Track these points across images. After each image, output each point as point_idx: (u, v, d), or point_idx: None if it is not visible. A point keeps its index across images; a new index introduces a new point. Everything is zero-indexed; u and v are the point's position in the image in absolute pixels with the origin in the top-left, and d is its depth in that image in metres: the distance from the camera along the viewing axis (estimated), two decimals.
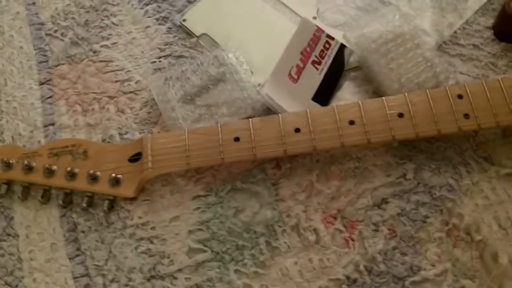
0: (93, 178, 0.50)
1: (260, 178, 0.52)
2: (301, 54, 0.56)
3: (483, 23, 0.61)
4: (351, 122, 0.50)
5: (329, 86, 0.56)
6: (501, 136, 0.54)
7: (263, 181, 0.52)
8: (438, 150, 0.53)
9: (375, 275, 0.47)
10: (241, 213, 0.51)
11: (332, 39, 0.57)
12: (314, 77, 0.56)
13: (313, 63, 0.56)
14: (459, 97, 0.50)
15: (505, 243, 0.48)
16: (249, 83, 0.56)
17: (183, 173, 0.53)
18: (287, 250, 0.49)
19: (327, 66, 0.56)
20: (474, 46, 0.60)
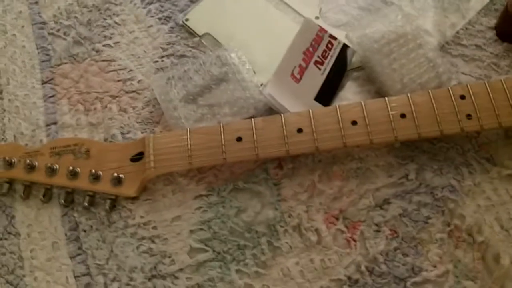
0: (95, 177, 0.50)
1: (262, 178, 0.52)
2: (304, 54, 0.56)
3: (485, 23, 0.61)
4: (354, 122, 0.50)
5: (332, 86, 0.56)
6: (504, 137, 0.54)
7: (265, 181, 0.52)
8: (441, 151, 0.53)
9: (376, 275, 0.47)
10: (243, 213, 0.51)
11: (335, 39, 0.57)
12: (317, 77, 0.56)
13: (316, 63, 0.56)
14: (462, 97, 0.50)
15: (507, 244, 0.48)
16: (251, 83, 0.56)
17: (185, 173, 0.53)
18: (288, 250, 0.49)
19: (329, 66, 0.56)
20: (477, 46, 0.59)
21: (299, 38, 0.56)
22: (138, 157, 0.51)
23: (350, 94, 0.57)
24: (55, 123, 0.58)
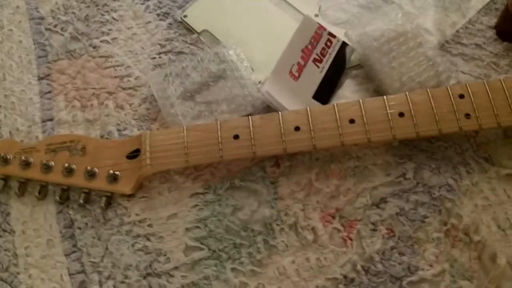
0: (90, 174, 0.50)
1: (259, 176, 0.52)
2: (302, 51, 0.56)
3: (486, 22, 0.61)
4: (351, 120, 0.50)
5: (330, 84, 0.56)
6: (502, 137, 0.53)
7: (262, 179, 0.52)
8: (439, 150, 0.52)
9: (372, 274, 0.47)
10: (239, 211, 0.50)
11: (334, 37, 0.56)
12: (315, 75, 0.55)
13: (314, 61, 0.56)
14: (461, 96, 0.50)
15: (504, 244, 0.47)
16: (249, 80, 0.55)
17: (181, 170, 0.53)
18: (284, 248, 0.48)
19: (328, 64, 0.56)
20: (477, 45, 0.59)
21: (298, 36, 0.56)
22: (134, 154, 0.51)
23: (348, 93, 0.57)
24: (51, 120, 0.57)
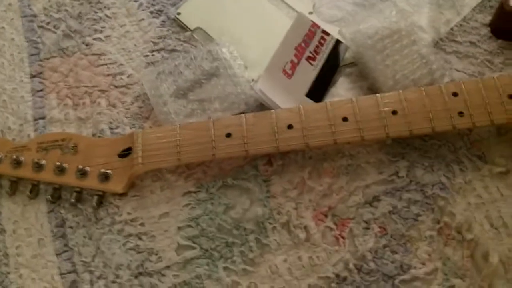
0: (82, 173, 0.50)
1: (252, 175, 0.52)
2: (296, 49, 0.55)
3: (480, 20, 0.60)
4: (344, 119, 0.49)
5: (324, 82, 0.55)
6: (496, 134, 0.53)
7: (254, 177, 0.52)
8: (432, 148, 0.52)
9: (364, 273, 0.47)
10: (231, 209, 0.50)
11: (328, 34, 0.56)
12: (309, 73, 0.55)
13: (308, 58, 0.55)
14: (454, 94, 0.50)
15: (496, 242, 0.47)
16: (242, 78, 0.55)
17: (173, 169, 0.52)
18: (277, 247, 0.48)
19: (321, 62, 0.55)
20: (471, 43, 0.59)
21: (291, 33, 0.56)
22: (126, 152, 0.51)
23: (342, 90, 0.56)
24: (43, 118, 0.57)
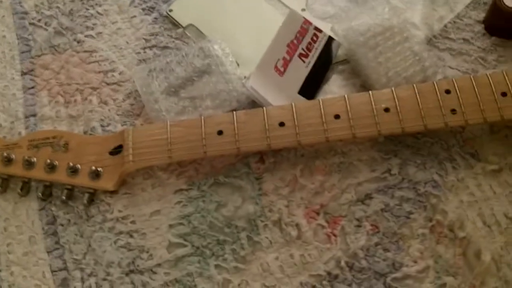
0: (73, 170, 0.49)
1: (244, 172, 0.51)
2: (288, 46, 0.55)
3: (474, 17, 0.60)
4: (337, 116, 0.49)
5: (316, 79, 0.55)
6: (489, 132, 0.53)
7: (246, 175, 0.51)
8: (425, 146, 0.52)
9: (356, 271, 0.46)
10: (223, 207, 0.50)
11: (320, 31, 0.56)
12: (301, 70, 0.55)
13: (300, 56, 0.55)
14: (447, 92, 0.50)
15: (489, 240, 0.47)
16: (234, 75, 0.55)
17: (165, 167, 0.52)
18: (268, 245, 0.48)
19: (314, 59, 0.55)
20: (464, 40, 0.59)
21: (284, 30, 0.55)
22: (117, 150, 0.50)
23: (335, 88, 0.56)
24: (34, 115, 0.57)
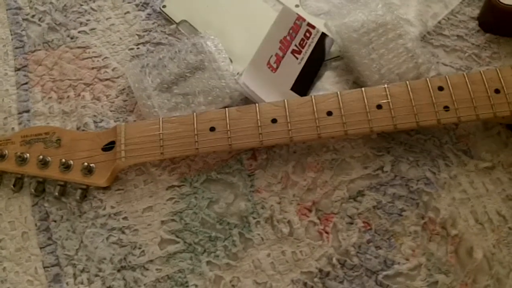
0: (65, 166, 0.49)
1: (236, 169, 0.51)
2: (281, 43, 0.55)
3: (468, 13, 0.60)
4: (329, 113, 0.49)
5: (309, 76, 0.55)
6: (482, 129, 0.53)
7: (238, 172, 0.51)
8: (418, 143, 0.52)
9: (348, 268, 0.47)
10: (215, 204, 0.50)
11: (313, 28, 0.56)
12: (294, 66, 0.55)
13: (293, 52, 0.55)
14: (440, 89, 0.49)
15: (481, 238, 0.47)
16: (227, 72, 0.54)
17: (157, 163, 0.52)
18: (260, 242, 0.48)
19: (307, 55, 0.55)
20: (458, 37, 0.58)
21: (277, 27, 0.55)
22: (110, 146, 0.50)
23: (328, 84, 0.56)
24: (27, 111, 0.56)
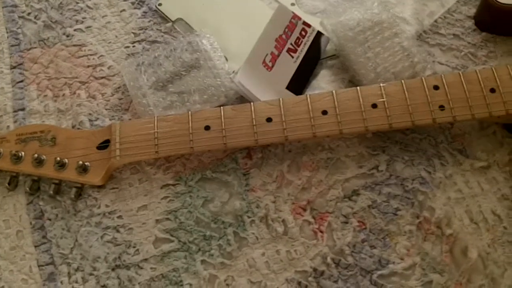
0: (60, 165, 0.49)
1: (231, 168, 0.51)
2: (276, 41, 0.55)
3: (465, 12, 0.60)
4: (324, 112, 0.49)
5: (304, 74, 0.55)
6: (478, 129, 0.53)
7: (233, 170, 0.51)
8: (413, 142, 0.52)
9: (342, 267, 0.46)
10: (210, 203, 0.50)
11: (309, 26, 0.55)
12: (289, 65, 0.54)
13: (289, 50, 0.55)
14: (435, 88, 0.49)
15: (476, 237, 0.47)
16: (222, 70, 0.54)
17: (152, 161, 0.52)
18: (255, 241, 0.48)
19: (302, 54, 0.55)
20: (455, 35, 0.58)
21: (272, 25, 0.55)
22: (105, 145, 0.50)
23: (323, 83, 0.56)
24: (23, 109, 0.56)
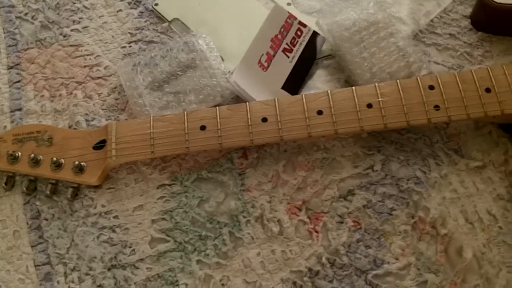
0: (57, 165, 0.49)
1: (227, 168, 0.52)
2: (272, 41, 0.55)
3: (461, 11, 0.60)
4: (319, 112, 0.49)
5: (300, 74, 0.55)
6: (473, 128, 0.53)
7: (229, 170, 0.51)
8: (408, 142, 0.52)
9: (337, 267, 0.47)
10: (205, 203, 0.50)
11: (304, 26, 0.55)
12: (285, 65, 0.55)
13: (284, 50, 0.55)
14: (431, 88, 0.49)
15: (471, 237, 0.47)
16: (218, 70, 0.54)
17: (148, 161, 0.52)
18: (250, 241, 0.48)
19: (298, 54, 0.55)
20: (451, 35, 0.58)
21: (268, 25, 0.55)
22: (101, 145, 0.50)
23: (319, 83, 0.56)
24: (19, 109, 0.56)
